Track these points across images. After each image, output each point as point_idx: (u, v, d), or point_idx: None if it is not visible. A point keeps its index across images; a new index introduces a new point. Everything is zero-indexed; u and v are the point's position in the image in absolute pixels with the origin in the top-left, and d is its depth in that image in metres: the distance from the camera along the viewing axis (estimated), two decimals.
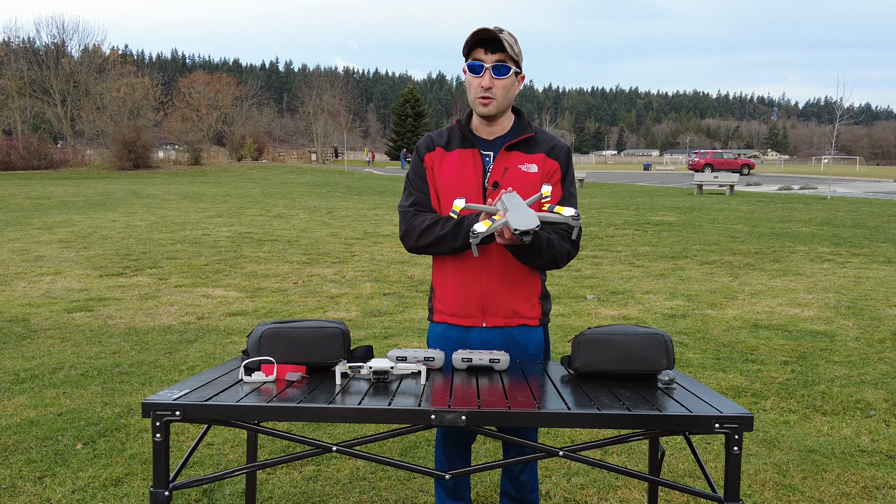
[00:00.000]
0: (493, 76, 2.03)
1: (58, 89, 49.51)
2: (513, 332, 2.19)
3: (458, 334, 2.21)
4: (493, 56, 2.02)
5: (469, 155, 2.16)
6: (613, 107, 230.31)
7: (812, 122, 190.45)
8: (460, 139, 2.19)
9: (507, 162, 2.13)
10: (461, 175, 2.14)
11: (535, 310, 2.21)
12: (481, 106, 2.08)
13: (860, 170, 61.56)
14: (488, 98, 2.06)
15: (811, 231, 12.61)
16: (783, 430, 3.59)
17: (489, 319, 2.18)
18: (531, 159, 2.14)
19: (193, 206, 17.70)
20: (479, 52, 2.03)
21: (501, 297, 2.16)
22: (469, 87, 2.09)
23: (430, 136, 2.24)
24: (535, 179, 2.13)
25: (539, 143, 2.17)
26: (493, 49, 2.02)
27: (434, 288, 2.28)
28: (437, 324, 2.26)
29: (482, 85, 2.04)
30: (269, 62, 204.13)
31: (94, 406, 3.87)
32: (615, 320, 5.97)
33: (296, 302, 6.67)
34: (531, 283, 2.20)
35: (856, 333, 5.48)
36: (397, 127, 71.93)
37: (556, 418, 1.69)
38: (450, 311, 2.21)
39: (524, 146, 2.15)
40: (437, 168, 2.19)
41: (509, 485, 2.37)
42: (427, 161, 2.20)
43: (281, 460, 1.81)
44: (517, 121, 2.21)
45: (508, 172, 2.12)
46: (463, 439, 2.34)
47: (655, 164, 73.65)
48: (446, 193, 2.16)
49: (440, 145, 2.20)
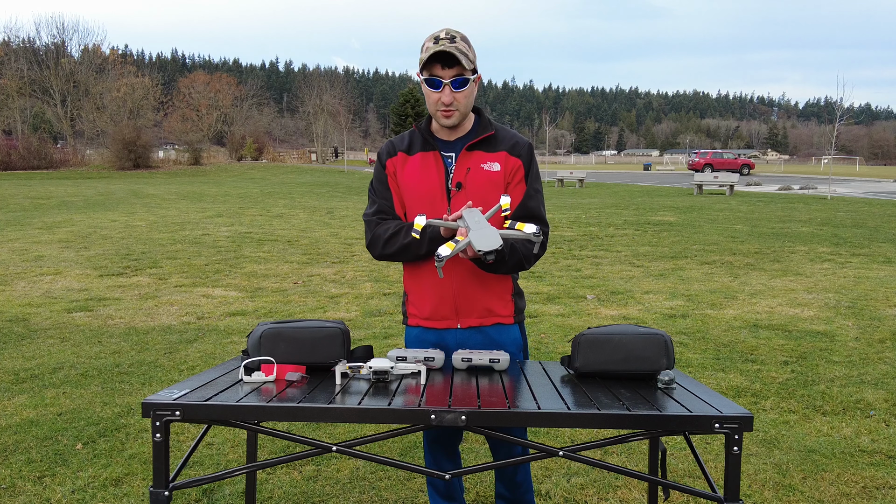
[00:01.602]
0: (452, 90, 2.03)
1: (58, 89, 49.51)
2: (489, 332, 2.19)
3: (434, 337, 2.21)
4: (451, 71, 2.01)
5: (430, 158, 2.15)
6: (613, 107, 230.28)
7: (812, 122, 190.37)
8: (421, 142, 2.18)
9: (470, 162, 2.12)
10: (424, 178, 2.14)
11: (508, 307, 2.21)
12: (444, 118, 2.08)
13: (860, 170, 61.55)
14: (450, 111, 2.06)
15: (811, 231, 12.61)
16: (783, 430, 3.59)
17: (463, 320, 2.17)
18: (493, 157, 2.13)
19: (193, 206, 17.70)
20: (436, 67, 2.02)
21: (474, 296, 2.15)
22: (428, 100, 2.07)
23: (392, 141, 2.23)
24: (499, 178, 2.12)
25: (500, 140, 2.16)
26: (449, 64, 2.01)
27: (407, 292, 2.28)
28: (413, 328, 2.26)
29: (443, 101, 2.03)
30: (269, 62, 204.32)
31: (94, 406, 3.87)
32: (615, 320, 5.97)
33: (296, 302, 6.67)
34: (503, 281, 2.20)
35: (856, 333, 5.48)
36: (397, 127, 71.78)
37: (556, 418, 1.69)
38: (424, 314, 2.21)
39: (485, 145, 2.14)
40: (399, 173, 2.18)
41: (503, 487, 2.36)
42: (389, 167, 2.19)
43: (281, 460, 1.81)
44: (477, 119, 2.19)
45: (471, 172, 2.11)
46: (449, 440, 2.33)
47: (655, 164, 73.67)
48: (411, 197, 2.16)
49: (402, 150, 2.19)
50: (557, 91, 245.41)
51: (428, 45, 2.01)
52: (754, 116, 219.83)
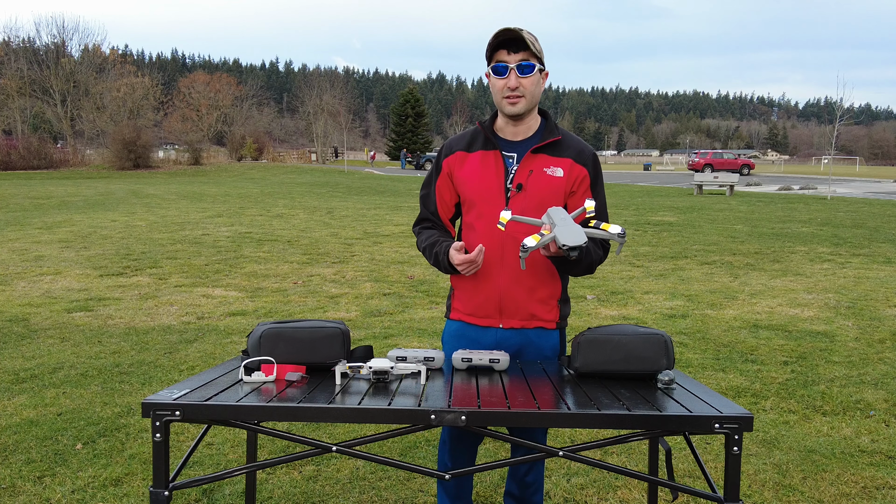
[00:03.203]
0: (518, 76, 2.01)
1: (58, 89, 49.50)
2: (529, 334, 2.18)
3: (474, 333, 2.20)
4: (517, 56, 2.00)
5: (490, 156, 2.13)
6: (613, 107, 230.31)
7: (812, 123, 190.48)
8: (483, 141, 2.16)
9: (533, 164, 2.10)
10: (482, 177, 2.12)
11: (552, 313, 2.19)
12: (509, 105, 2.05)
13: (860, 170, 61.55)
14: (516, 97, 2.04)
15: (811, 231, 12.61)
16: (783, 430, 3.59)
17: (506, 321, 2.17)
18: (558, 163, 2.11)
19: (193, 206, 17.70)
20: (502, 53, 2.01)
21: (519, 299, 2.14)
22: (494, 89, 2.06)
23: (450, 141, 2.23)
24: (560, 184, 2.10)
25: (566, 147, 2.13)
26: (515, 49, 2.00)
27: (453, 286, 2.28)
28: (454, 321, 2.25)
29: (509, 85, 2.02)
30: (269, 62, 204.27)
31: (94, 406, 3.87)
32: (615, 320, 5.97)
33: (296, 302, 6.67)
34: (552, 287, 2.18)
35: (856, 333, 5.48)
36: (397, 127, 71.94)
37: (556, 418, 1.69)
38: (467, 310, 2.20)
39: (551, 149, 2.11)
40: (456, 171, 2.17)
41: (514, 485, 2.36)
42: (445, 167, 2.19)
43: (281, 460, 1.81)
44: (544, 122, 2.17)
45: (534, 175, 2.09)
46: (471, 440, 2.32)
47: (655, 164, 73.63)
48: (468, 194, 2.15)
49: (460, 149, 2.18)
50: (557, 91, 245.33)
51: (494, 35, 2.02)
52: (754, 116, 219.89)
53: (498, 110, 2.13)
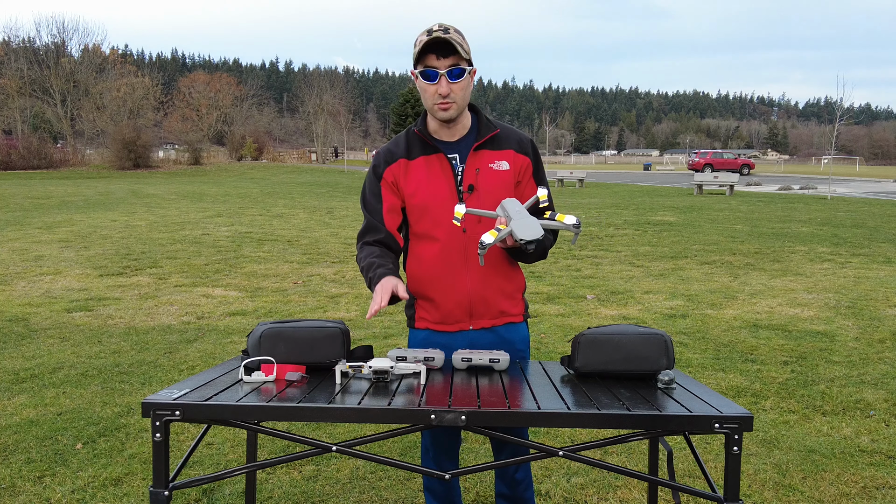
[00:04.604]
0: (449, 81, 1.97)
1: (58, 89, 49.51)
2: (499, 331, 2.18)
3: (443, 339, 2.17)
4: (446, 61, 1.96)
5: (434, 160, 2.09)
6: (613, 107, 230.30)
7: (812, 122, 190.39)
8: (421, 146, 2.11)
9: (478, 162, 2.08)
10: (430, 182, 2.07)
11: (518, 306, 2.20)
12: (441, 111, 2.01)
13: (860, 170, 61.55)
14: (447, 103, 2.00)
15: (811, 231, 12.61)
16: (783, 430, 3.59)
17: (476, 322, 2.15)
18: (501, 156, 2.10)
19: (193, 206, 17.70)
20: (431, 58, 1.96)
21: (490, 299, 2.13)
22: (424, 94, 2.02)
23: (387, 148, 2.14)
24: (508, 177, 2.09)
25: (505, 138, 2.12)
26: (444, 53, 1.95)
27: (414, 296, 2.18)
28: (420, 330, 2.19)
29: (440, 92, 1.98)
30: (269, 62, 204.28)
31: (94, 406, 3.87)
32: (615, 320, 5.97)
33: (296, 302, 6.67)
34: (517, 281, 2.19)
35: (856, 333, 5.48)
36: (397, 127, 71.70)
37: (556, 418, 1.69)
38: (435, 318, 2.15)
39: (492, 143, 2.10)
40: (402, 180, 2.10)
41: (504, 485, 2.34)
42: (388, 176, 2.11)
43: (281, 460, 1.81)
44: (475, 118, 2.14)
45: (481, 173, 2.07)
46: (452, 444, 2.29)
47: (655, 164, 73.64)
48: (419, 203, 2.08)
49: (401, 156, 2.11)
50: (557, 91, 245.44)
51: (421, 38, 1.96)
52: (754, 116, 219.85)
53: (429, 113, 2.09)
